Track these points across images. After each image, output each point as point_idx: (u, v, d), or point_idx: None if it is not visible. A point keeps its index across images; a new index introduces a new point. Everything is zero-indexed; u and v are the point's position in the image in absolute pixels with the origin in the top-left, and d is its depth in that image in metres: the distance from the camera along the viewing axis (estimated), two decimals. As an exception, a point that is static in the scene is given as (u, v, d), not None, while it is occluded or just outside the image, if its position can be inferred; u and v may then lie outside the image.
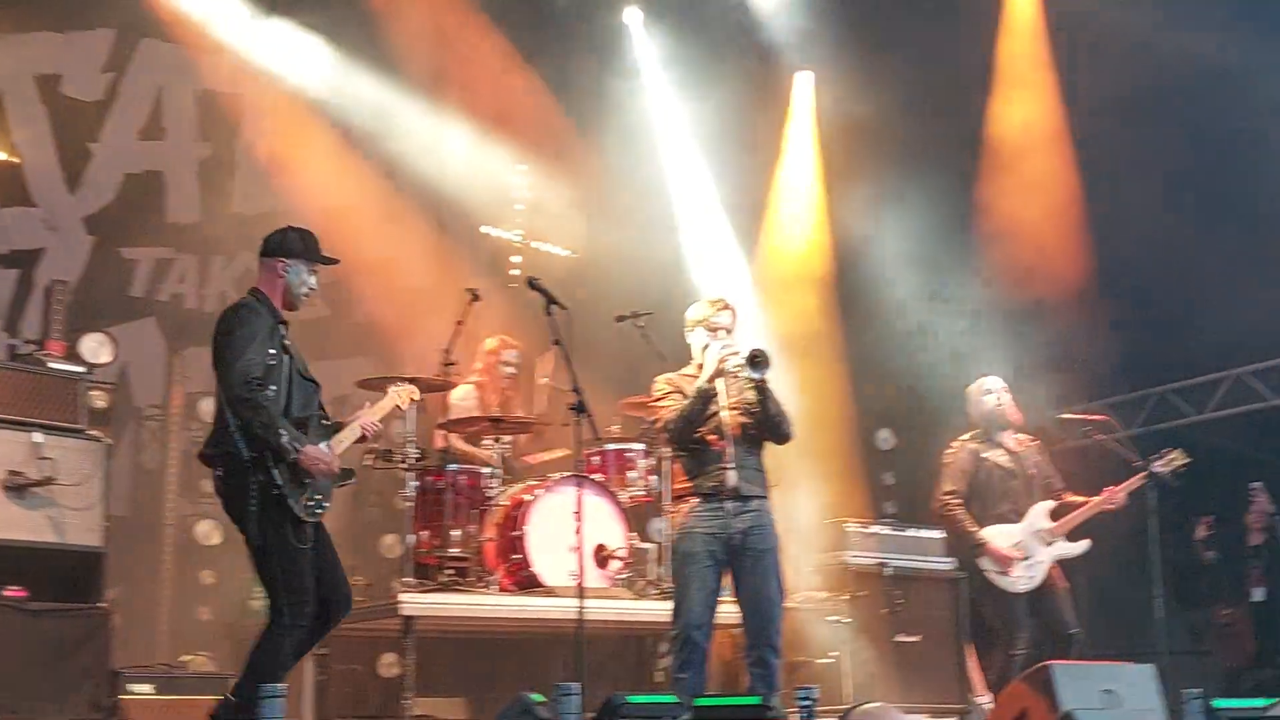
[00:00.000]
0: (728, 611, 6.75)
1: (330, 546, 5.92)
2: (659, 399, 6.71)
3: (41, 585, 6.60)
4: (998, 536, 7.68)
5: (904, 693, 8.34)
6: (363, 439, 6.16)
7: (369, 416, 6.19)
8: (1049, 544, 7.72)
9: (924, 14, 10.58)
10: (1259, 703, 5.97)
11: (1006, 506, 7.83)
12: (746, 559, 6.48)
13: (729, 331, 6.67)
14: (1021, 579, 7.66)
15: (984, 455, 7.90)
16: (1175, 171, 9.88)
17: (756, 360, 6.41)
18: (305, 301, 6.06)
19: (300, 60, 10.68)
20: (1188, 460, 7.88)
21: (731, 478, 6.48)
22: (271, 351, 5.69)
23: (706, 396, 6.51)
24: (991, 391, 8.01)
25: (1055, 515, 7.81)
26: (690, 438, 6.57)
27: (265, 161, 10.70)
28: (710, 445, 6.55)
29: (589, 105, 11.32)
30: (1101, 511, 7.82)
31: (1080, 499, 7.91)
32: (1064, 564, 7.85)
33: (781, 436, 6.65)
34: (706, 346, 6.61)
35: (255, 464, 5.55)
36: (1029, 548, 7.70)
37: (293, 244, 6.01)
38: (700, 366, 6.67)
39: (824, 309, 10.98)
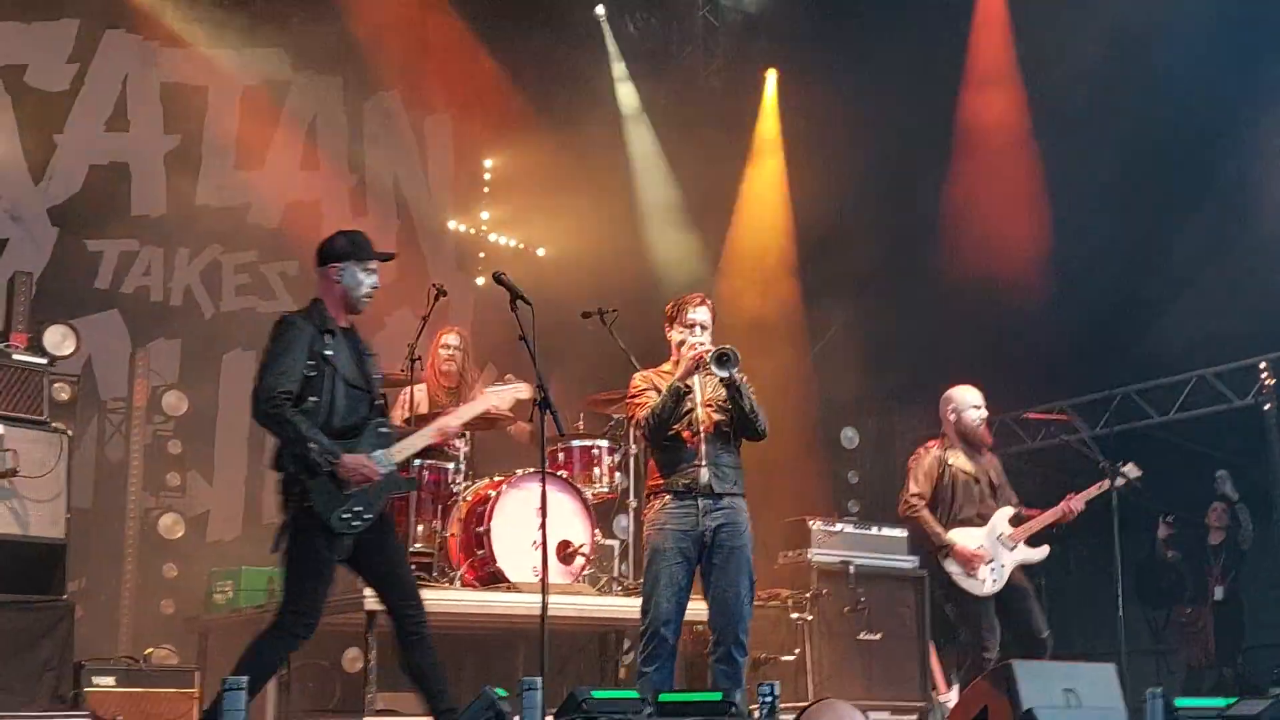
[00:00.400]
0: (696, 609, 6.77)
1: (401, 559, 6.00)
2: (634, 395, 6.71)
3: (3, 577, 6.56)
4: (963, 539, 7.72)
5: (866, 690, 8.39)
6: (435, 446, 6.21)
7: (448, 421, 6.25)
8: (1011, 549, 7.78)
9: (892, 9, 10.62)
10: (1219, 702, 6.01)
11: (971, 511, 7.86)
12: (717, 555, 6.48)
13: (705, 328, 6.67)
14: (987, 581, 7.70)
15: (950, 461, 7.93)
16: (1138, 172, 9.96)
17: (724, 359, 6.41)
18: (368, 302, 6.01)
19: (265, 52, 10.67)
20: (1140, 474, 7.95)
21: (704, 475, 6.48)
22: (310, 363, 5.69)
23: (679, 394, 6.50)
24: (977, 407, 8.03)
25: (1015, 522, 7.87)
26: (664, 434, 6.56)
27: (231, 155, 10.67)
28: (684, 442, 6.55)
29: (557, 98, 11.32)
30: (1060, 520, 7.88)
31: (1037, 511, 7.99)
32: (1026, 566, 7.90)
33: (755, 434, 6.65)
34: (682, 343, 6.61)
35: (294, 478, 5.60)
36: (993, 551, 7.75)
37: (341, 248, 5.96)
38: (675, 362, 6.68)
39: (789, 304, 11.01)
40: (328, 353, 5.77)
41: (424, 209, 11.67)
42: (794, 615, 8.46)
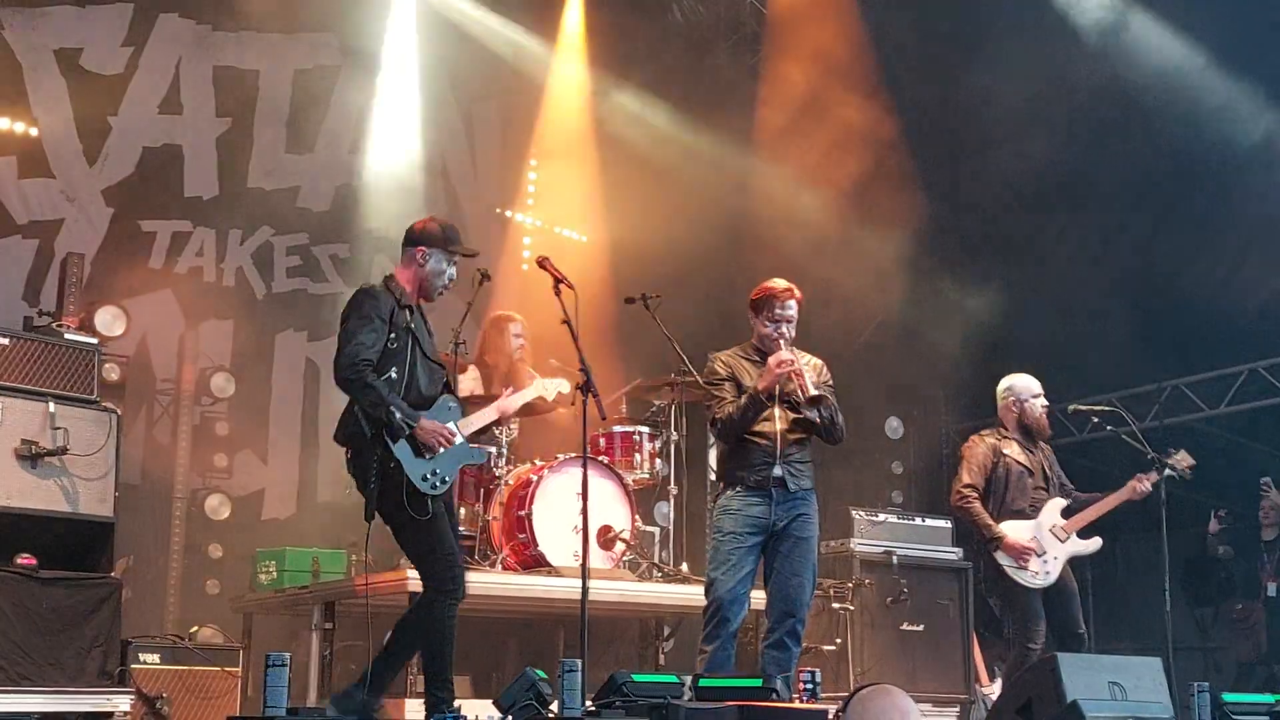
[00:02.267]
0: (756, 595, 6.78)
1: (455, 535, 6.07)
2: (712, 384, 6.70)
3: (52, 554, 6.62)
4: (1015, 531, 7.65)
5: (908, 681, 8.33)
6: (497, 423, 6.38)
7: (508, 402, 6.42)
8: (1063, 541, 7.69)
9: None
10: (1268, 698, 5.96)
11: (1024, 503, 7.79)
12: (784, 544, 6.51)
13: (791, 323, 6.64)
14: (1039, 574, 7.62)
15: (1004, 451, 7.85)
16: (1186, 175, 9.87)
17: (817, 403, 6.44)
18: (443, 293, 6.21)
19: (316, 37, 10.73)
20: (1193, 462, 7.84)
21: (777, 472, 6.50)
22: (393, 336, 5.84)
23: (760, 406, 6.51)
24: (1040, 397, 7.96)
25: (1067, 513, 7.78)
26: (738, 438, 6.58)
27: (282, 138, 10.74)
28: (759, 439, 6.56)
29: (604, 84, 11.31)
30: (1123, 503, 7.78)
31: (1092, 495, 7.89)
32: (1074, 561, 7.83)
33: (832, 440, 6.70)
34: (776, 337, 6.57)
35: (375, 440, 5.73)
36: (1044, 544, 7.67)
37: (433, 234, 6.13)
38: (755, 348, 6.67)
39: (833, 295, 10.94)
40: (411, 325, 5.94)
41: (471, 194, 11.71)
42: (836, 605, 8.44)
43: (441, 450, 5.84)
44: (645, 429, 8.26)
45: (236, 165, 10.50)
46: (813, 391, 6.43)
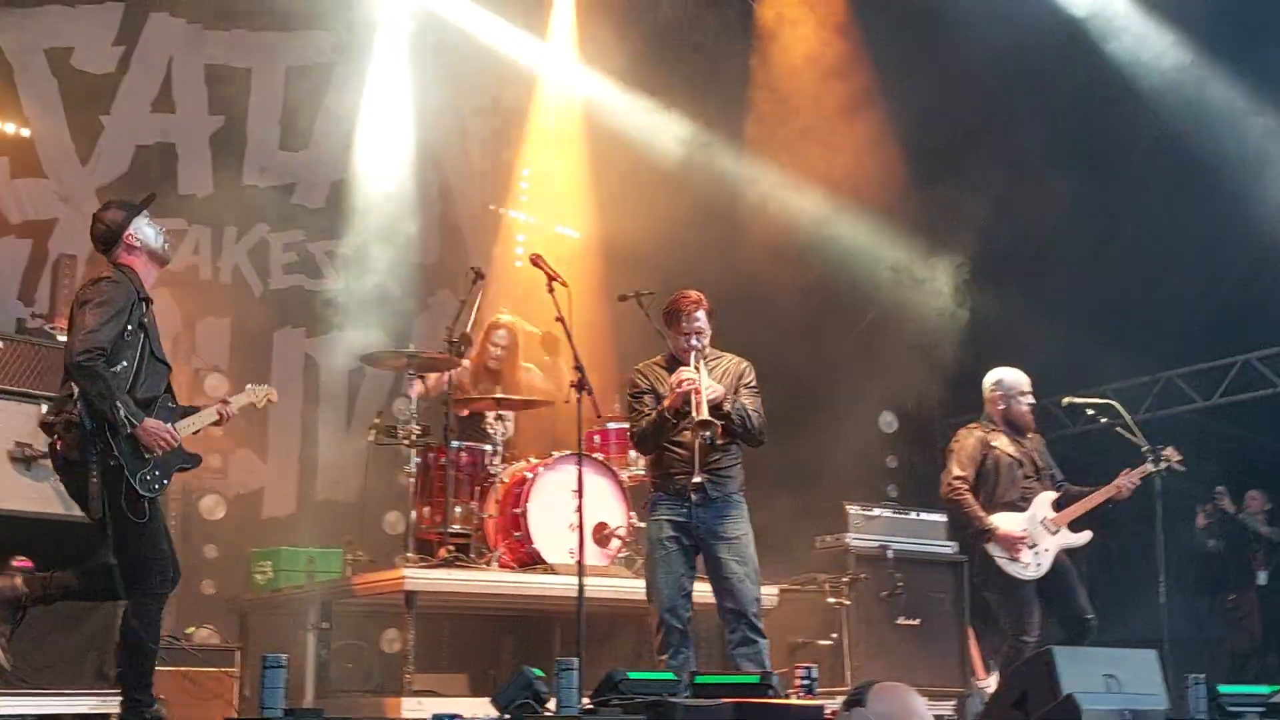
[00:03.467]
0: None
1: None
2: (633, 396, 6.74)
3: (47, 556, 6.61)
4: (1006, 522, 7.66)
5: (904, 676, 8.31)
6: (217, 423, 6.22)
7: (230, 407, 6.26)
8: (1053, 533, 7.70)
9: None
10: (1264, 689, 5.97)
11: (1015, 495, 7.81)
12: (716, 547, 6.52)
13: (701, 333, 6.65)
14: (1030, 566, 7.64)
15: (993, 443, 7.87)
16: (1181, 155, 9.88)
17: (704, 426, 6.39)
18: (172, 249, 6.16)
19: (308, 34, 10.72)
20: (1181, 458, 7.86)
21: (697, 480, 6.48)
22: (129, 328, 5.72)
23: (665, 422, 6.52)
24: (1028, 394, 7.97)
25: (1058, 506, 7.80)
26: (657, 449, 6.61)
27: (276, 135, 10.73)
28: (677, 454, 6.57)
29: (597, 80, 11.30)
30: (1108, 501, 7.79)
31: (1082, 489, 7.90)
32: (1068, 553, 7.84)
33: (752, 443, 6.70)
34: (685, 348, 6.57)
35: (95, 434, 5.60)
36: (1035, 536, 7.68)
37: (120, 214, 6.04)
38: (669, 358, 6.70)
39: (826, 288, 10.96)
40: (145, 320, 5.83)
41: (465, 191, 11.71)
42: (831, 600, 8.45)
43: (159, 452, 5.75)
44: (640, 426, 8.26)
45: (230, 163, 10.48)
46: (704, 416, 6.38)
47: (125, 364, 5.72)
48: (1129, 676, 6.06)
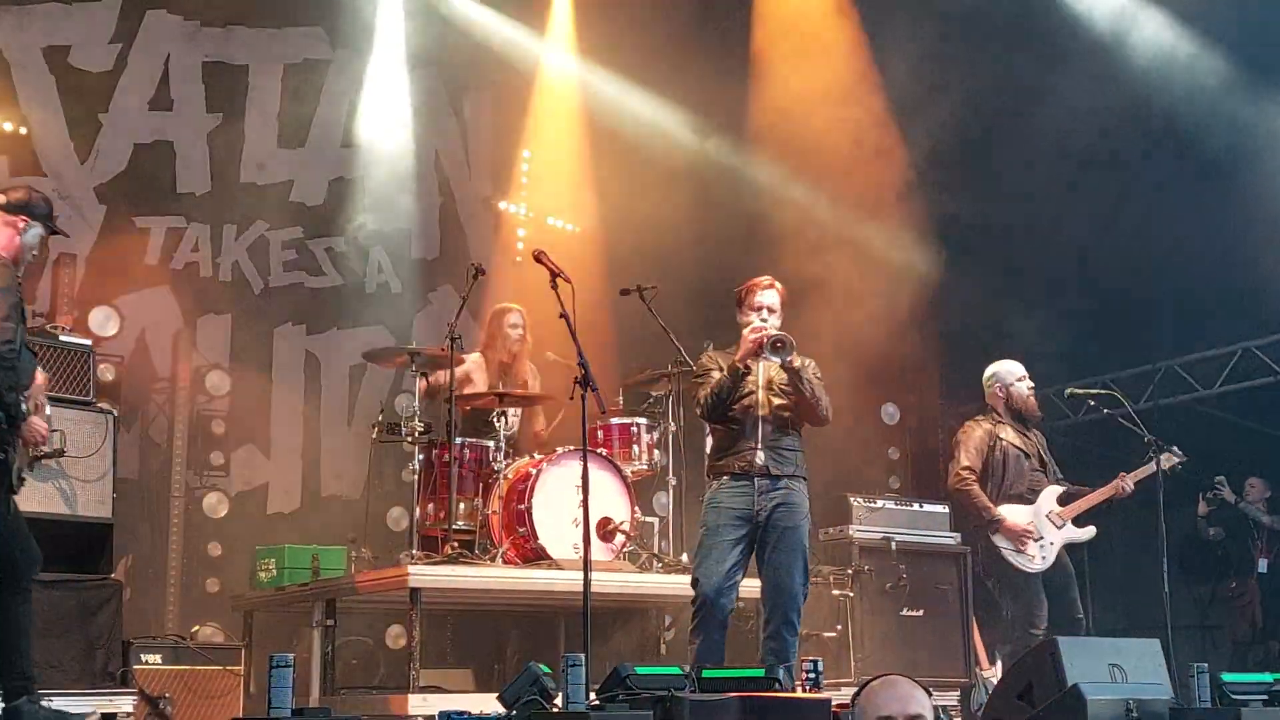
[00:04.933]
0: (749, 585, 6.79)
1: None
2: (699, 375, 6.77)
3: (52, 557, 6.61)
4: (1013, 514, 7.68)
5: (909, 666, 8.35)
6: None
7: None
8: (1059, 527, 7.73)
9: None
10: (1267, 677, 5.98)
11: (1023, 487, 7.84)
12: (771, 535, 6.53)
13: (774, 311, 6.69)
14: (1035, 559, 7.67)
15: (1000, 435, 7.89)
16: (1180, 145, 9.86)
17: (778, 346, 6.43)
18: (30, 263, 6.06)
19: (304, 30, 10.71)
20: (1182, 459, 7.89)
21: (760, 457, 6.52)
22: (19, 313, 5.66)
23: (738, 375, 6.54)
24: (1023, 379, 8.00)
25: (1063, 501, 7.82)
26: (723, 415, 6.62)
27: (273, 132, 10.72)
28: (742, 424, 6.58)
29: (596, 75, 11.29)
30: (1112, 498, 7.83)
31: (1081, 488, 7.94)
32: (1071, 545, 7.87)
33: (817, 419, 6.72)
34: (755, 327, 6.61)
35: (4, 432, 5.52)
36: (1041, 529, 7.70)
37: (37, 205, 5.99)
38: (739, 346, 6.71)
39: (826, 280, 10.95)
40: (22, 305, 5.77)
41: (464, 186, 11.70)
42: (835, 592, 8.45)
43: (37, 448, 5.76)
44: (643, 420, 8.27)
45: (229, 160, 10.48)
46: (777, 335, 6.43)
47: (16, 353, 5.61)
48: (1133, 666, 6.07)
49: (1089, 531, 7.85)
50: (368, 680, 8.80)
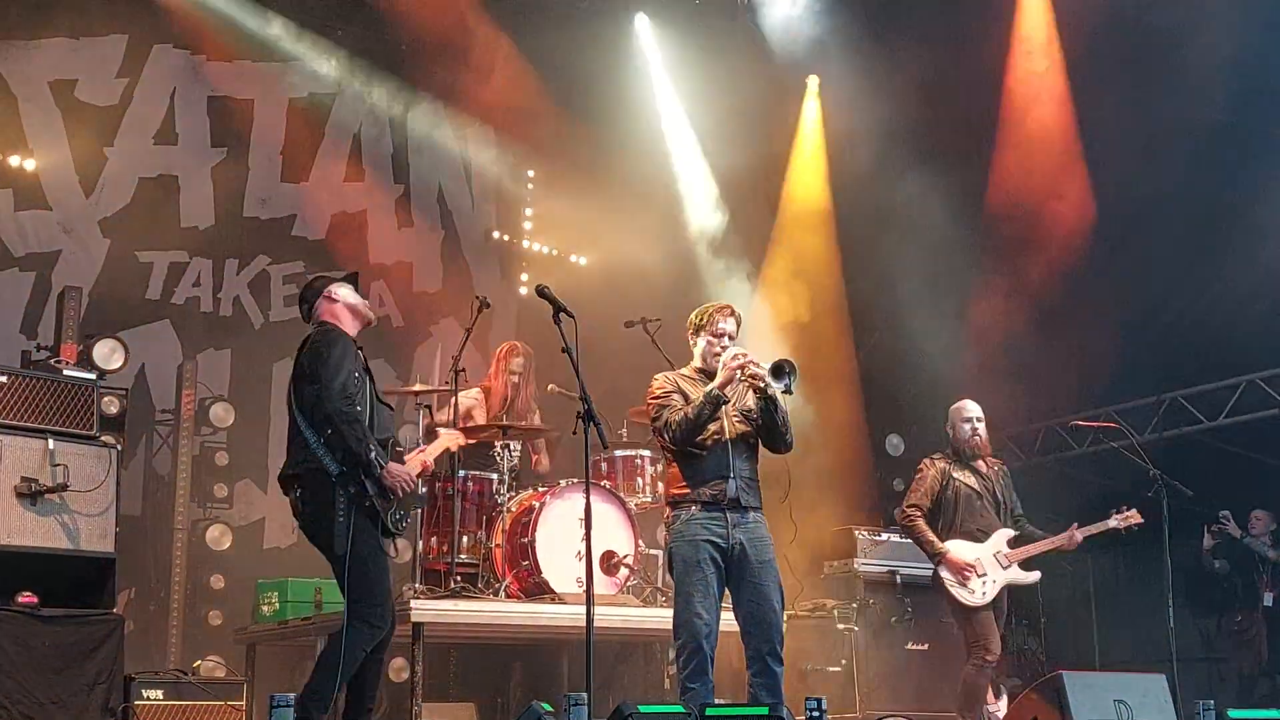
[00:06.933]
0: (731, 620, 6.72)
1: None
2: (658, 397, 6.54)
3: (54, 592, 6.60)
4: (958, 549, 7.71)
5: (915, 700, 8.34)
6: (421, 474, 6.38)
7: (427, 456, 6.43)
8: (1005, 568, 7.76)
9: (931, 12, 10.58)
10: (1274, 713, 5.96)
11: (973, 525, 7.87)
12: (747, 570, 6.36)
13: (732, 338, 6.60)
14: (975, 593, 7.68)
15: (954, 475, 7.92)
16: (1188, 177, 9.87)
17: (783, 370, 6.34)
18: (370, 310, 6.26)
19: (309, 65, 10.76)
20: (1141, 522, 7.88)
21: (731, 487, 6.37)
22: (355, 375, 5.83)
23: (717, 402, 6.38)
24: (969, 420, 8.02)
25: (1013, 544, 7.83)
26: (693, 442, 6.46)
27: (277, 167, 10.76)
28: (711, 453, 6.46)
29: (598, 110, 11.31)
30: (1061, 549, 7.85)
31: (1034, 532, 7.94)
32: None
33: (784, 446, 6.54)
34: (719, 352, 6.48)
35: (343, 478, 5.71)
36: (985, 566, 7.73)
37: (323, 279, 6.27)
38: (698, 370, 6.60)
39: (833, 312, 10.96)
40: (367, 364, 5.97)
41: (468, 219, 11.74)
42: (841, 625, 8.42)
43: (401, 493, 5.88)
44: (646, 452, 8.25)
45: (232, 195, 10.52)
46: (771, 364, 6.34)
47: (361, 408, 5.82)
48: (1139, 702, 6.06)
49: (1033, 576, 7.89)
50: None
